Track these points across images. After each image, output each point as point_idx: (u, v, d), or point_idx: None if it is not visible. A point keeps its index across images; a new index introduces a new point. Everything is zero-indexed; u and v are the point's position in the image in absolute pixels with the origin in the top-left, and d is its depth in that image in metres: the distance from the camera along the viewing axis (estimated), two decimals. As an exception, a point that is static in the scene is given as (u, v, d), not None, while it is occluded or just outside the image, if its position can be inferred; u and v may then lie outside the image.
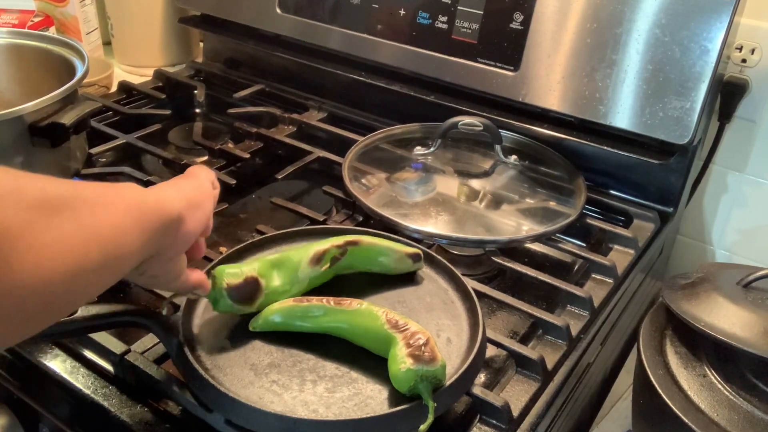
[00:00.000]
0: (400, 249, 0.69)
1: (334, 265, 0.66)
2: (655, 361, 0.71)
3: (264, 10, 1.12)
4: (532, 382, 0.64)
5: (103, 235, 0.43)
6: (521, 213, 0.86)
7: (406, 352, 0.54)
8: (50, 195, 0.40)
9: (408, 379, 0.53)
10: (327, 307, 0.61)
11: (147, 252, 0.49)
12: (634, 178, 0.93)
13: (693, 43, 0.81)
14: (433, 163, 0.94)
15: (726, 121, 0.96)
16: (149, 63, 1.29)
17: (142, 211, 0.47)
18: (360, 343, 0.60)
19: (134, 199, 0.47)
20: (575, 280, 0.80)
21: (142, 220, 0.47)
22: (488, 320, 0.75)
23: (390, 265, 0.69)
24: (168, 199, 0.51)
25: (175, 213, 0.51)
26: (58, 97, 0.79)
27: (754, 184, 0.99)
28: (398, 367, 0.54)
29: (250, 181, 0.98)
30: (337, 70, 1.09)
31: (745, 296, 0.71)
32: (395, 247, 0.69)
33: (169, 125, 1.10)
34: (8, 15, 1.18)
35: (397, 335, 0.57)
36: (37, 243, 0.38)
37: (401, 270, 0.69)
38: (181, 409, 0.59)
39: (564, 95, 0.90)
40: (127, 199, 0.46)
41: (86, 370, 0.63)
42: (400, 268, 0.69)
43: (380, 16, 1.01)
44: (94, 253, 0.42)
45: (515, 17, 0.91)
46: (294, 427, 0.52)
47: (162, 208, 0.49)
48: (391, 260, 0.69)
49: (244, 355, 0.59)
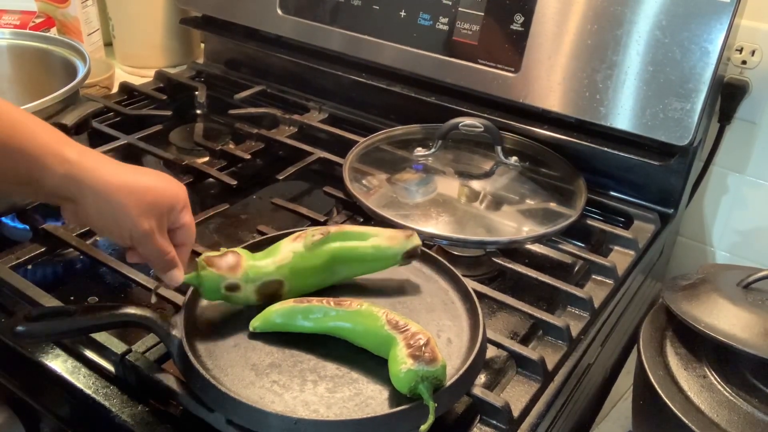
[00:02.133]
0: (389, 230, 0.68)
1: (318, 241, 0.65)
2: (656, 362, 0.71)
3: (265, 12, 1.12)
4: (533, 382, 0.64)
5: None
6: (522, 214, 0.86)
7: (406, 353, 0.55)
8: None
9: (409, 380, 0.54)
10: (327, 307, 0.61)
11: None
12: (634, 180, 0.93)
13: (693, 44, 0.81)
14: (433, 164, 0.94)
15: (726, 122, 0.96)
16: (150, 64, 1.30)
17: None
18: (360, 343, 0.60)
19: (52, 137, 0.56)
20: (575, 281, 0.80)
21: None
22: (489, 321, 0.75)
23: (381, 245, 0.67)
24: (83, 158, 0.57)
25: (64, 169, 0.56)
26: (59, 98, 0.79)
27: (754, 185, 0.99)
28: (399, 367, 0.54)
29: (251, 181, 0.98)
30: (337, 71, 1.10)
31: (745, 297, 0.71)
32: (383, 230, 0.68)
33: (170, 126, 1.10)
34: (10, 16, 1.18)
35: (397, 336, 0.57)
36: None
37: (395, 251, 0.67)
38: (182, 409, 0.59)
39: (564, 96, 0.90)
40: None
41: (87, 369, 0.63)
42: (393, 249, 0.67)
43: (381, 17, 1.02)
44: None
45: (516, 19, 0.92)
46: (295, 427, 0.52)
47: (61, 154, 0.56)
48: (381, 239, 0.67)
49: (245, 356, 0.59)
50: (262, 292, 0.63)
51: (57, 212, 0.61)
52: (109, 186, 0.57)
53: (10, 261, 0.74)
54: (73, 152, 0.57)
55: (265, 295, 0.63)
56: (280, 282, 0.64)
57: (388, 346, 0.57)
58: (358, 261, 0.67)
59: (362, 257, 0.67)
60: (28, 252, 0.76)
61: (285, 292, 0.65)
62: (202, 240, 0.81)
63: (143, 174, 0.61)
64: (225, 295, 0.62)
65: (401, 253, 0.67)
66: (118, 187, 0.57)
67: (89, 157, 0.58)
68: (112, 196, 0.57)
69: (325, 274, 0.67)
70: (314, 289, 0.67)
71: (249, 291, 0.63)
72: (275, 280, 0.64)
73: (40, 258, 0.77)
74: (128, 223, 0.58)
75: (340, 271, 0.67)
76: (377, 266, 0.69)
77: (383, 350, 0.58)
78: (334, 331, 0.61)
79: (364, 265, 0.68)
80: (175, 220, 0.61)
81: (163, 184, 0.61)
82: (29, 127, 0.56)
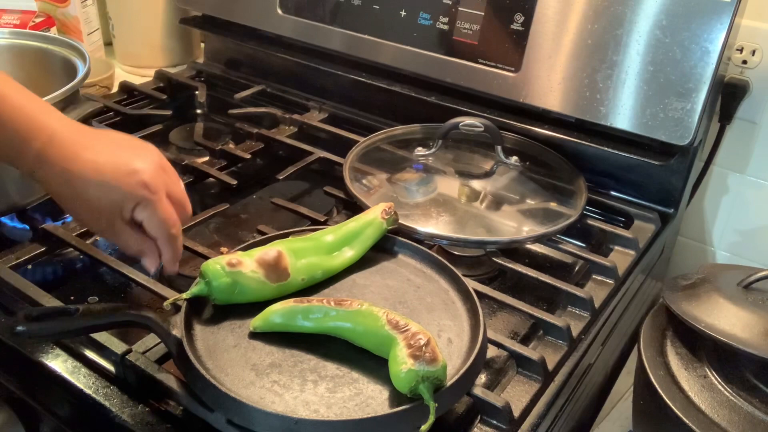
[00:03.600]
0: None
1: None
2: (656, 362, 0.71)
3: (265, 11, 1.12)
4: (533, 382, 0.64)
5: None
6: (522, 214, 0.86)
7: (407, 353, 0.54)
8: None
9: (409, 380, 0.53)
10: (327, 307, 0.61)
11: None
12: (634, 179, 0.93)
13: (694, 44, 0.81)
14: (434, 163, 0.94)
15: (727, 122, 0.96)
16: (150, 63, 1.29)
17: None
18: (360, 343, 0.60)
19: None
20: (576, 280, 0.80)
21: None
22: (489, 321, 0.75)
23: (361, 218, 0.72)
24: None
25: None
26: (59, 98, 0.79)
27: (754, 185, 0.99)
28: (399, 367, 0.54)
29: (251, 181, 0.98)
30: (338, 70, 1.10)
31: (745, 297, 0.71)
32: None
33: (170, 126, 1.10)
34: (9, 15, 1.18)
35: (397, 336, 0.57)
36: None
37: (375, 215, 0.72)
38: (182, 409, 0.59)
39: (565, 96, 0.90)
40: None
41: (87, 369, 0.63)
42: (372, 214, 0.72)
43: (381, 16, 1.01)
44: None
45: (516, 18, 0.91)
46: (295, 427, 0.52)
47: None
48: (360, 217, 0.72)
49: (245, 356, 0.59)
50: (264, 264, 0.64)
51: (57, 212, 0.61)
52: (69, 174, 0.60)
53: (10, 261, 0.74)
54: (48, 132, 0.59)
55: (268, 265, 0.64)
56: (279, 252, 0.65)
57: (388, 346, 0.57)
58: (352, 235, 0.71)
59: (353, 232, 0.71)
60: (28, 252, 0.76)
61: (289, 265, 0.65)
62: (202, 240, 0.81)
63: (107, 163, 0.62)
64: (232, 283, 0.62)
65: (379, 214, 0.72)
66: (73, 180, 0.60)
67: (61, 141, 0.60)
68: (70, 185, 0.61)
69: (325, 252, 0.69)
70: (321, 272, 0.68)
71: (251, 264, 0.64)
72: (274, 250, 0.65)
73: (40, 258, 0.77)
74: (83, 216, 0.61)
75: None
76: (369, 235, 0.72)
77: (383, 350, 0.58)
78: (335, 331, 0.61)
79: (358, 238, 0.71)
80: (136, 216, 0.63)
81: (115, 183, 0.62)
82: (15, 100, 0.59)
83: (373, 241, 0.72)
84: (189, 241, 0.77)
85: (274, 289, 0.65)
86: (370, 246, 0.72)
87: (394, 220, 0.74)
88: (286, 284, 0.65)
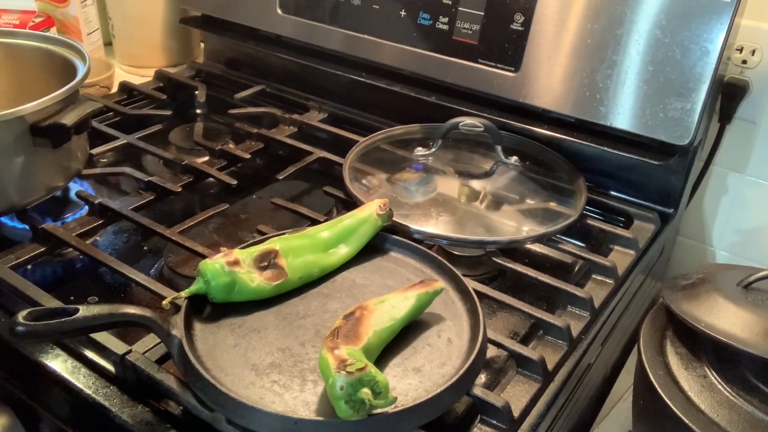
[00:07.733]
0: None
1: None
2: (656, 362, 0.71)
3: (265, 11, 1.12)
4: (533, 382, 0.64)
5: None
6: (522, 214, 0.86)
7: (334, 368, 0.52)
8: None
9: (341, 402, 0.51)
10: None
11: None
12: (634, 179, 0.93)
13: (693, 44, 0.81)
14: (433, 163, 0.94)
15: (726, 122, 0.96)
16: (150, 63, 1.29)
17: None
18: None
19: None
20: (576, 280, 0.80)
21: None
22: (489, 321, 0.75)
23: (356, 215, 0.72)
24: None
25: None
26: (59, 98, 0.79)
27: (754, 185, 0.99)
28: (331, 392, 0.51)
29: (251, 181, 0.98)
30: (337, 70, 1.10)
31: (745, 297, 0.71)
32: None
33: (170, 126, 1.10)
34: (9, 15, 1.18)
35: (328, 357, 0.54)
36: None
37: (369, 212, 0.72)
38: (182, 409, 0.59)
39: (564, 96, 0.90)
40: None
41: (87, 370, 0.63)
42: (368, 211, 0.72)
43: (381, 16, 1.01)
44: None
45: (516, 18, 0.91)
46: (295, 427, 0.52)
47: None
48: (355, 214, 0.72)
49: (245, 356, 0.59)
50: (261, 263, 0.65)
51: (57, 212, 0.61)
52: None
53: (10, 261, 0.74)
54: None
55: (265, 265, 0.65)
56: (275, 251, 0.66)
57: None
58: (348, 232, 0.71)
59: (349, 229, 0.71)
60: (28, 252, 0.76)
61: (286, 264, 0.66)
62: (201, 240, 0.81)
63: None
64: (230, 282, 0.62)
65: (373, 211, 0.72)
66: None
67: None
68: None
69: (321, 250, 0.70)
70: (317, 269, 0.68)
71: (249, 263, 0.64)
72: (270, 248, 0.66)
73: (40, 258, 0.77)
74: None
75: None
76: (364, 232, 0.72)
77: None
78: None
79: (353, 235, 0.72)
80: None
81: None
82: None
83: (368, 238, 0.72)
84: (189, 241, 0.77)
85: (271, 288, 0.65)
86: (365, 243, 0.72)
87: (389, 216, 0.74)
88: (283, 283, 0.65)
